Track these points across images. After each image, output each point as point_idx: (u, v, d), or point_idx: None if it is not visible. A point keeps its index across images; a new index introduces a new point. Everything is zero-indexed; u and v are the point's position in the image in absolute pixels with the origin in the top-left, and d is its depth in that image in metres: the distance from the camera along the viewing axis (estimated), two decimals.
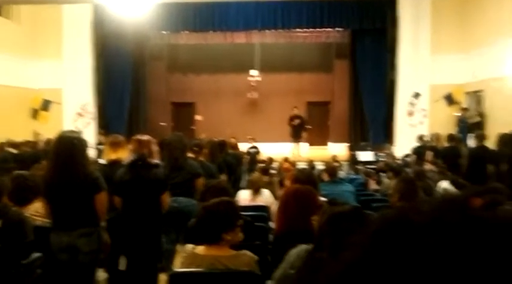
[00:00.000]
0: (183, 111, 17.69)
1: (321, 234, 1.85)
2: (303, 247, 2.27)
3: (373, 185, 7.74)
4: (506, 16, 10.58)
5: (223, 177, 6.16)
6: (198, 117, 17.06)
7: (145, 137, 4.63)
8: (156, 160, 4.35)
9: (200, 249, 2.50)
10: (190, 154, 5.41)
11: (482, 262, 0.38)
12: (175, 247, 4.50)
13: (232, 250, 2.52)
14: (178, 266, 2.55)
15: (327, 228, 1.85)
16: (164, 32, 14.43)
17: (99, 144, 11.08)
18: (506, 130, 7.62)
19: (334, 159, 11.42)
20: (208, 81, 17.56)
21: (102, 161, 6.05)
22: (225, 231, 2.47)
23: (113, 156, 4.63)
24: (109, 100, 13.45)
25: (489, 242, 0.39)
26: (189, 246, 2.55)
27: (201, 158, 5.81)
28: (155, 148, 4.61)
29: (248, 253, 2.54)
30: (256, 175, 6.07)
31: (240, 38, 15.07)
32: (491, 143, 8.16)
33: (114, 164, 4.51)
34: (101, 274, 4.09)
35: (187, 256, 2.49)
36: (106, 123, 13.17)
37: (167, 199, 4.22)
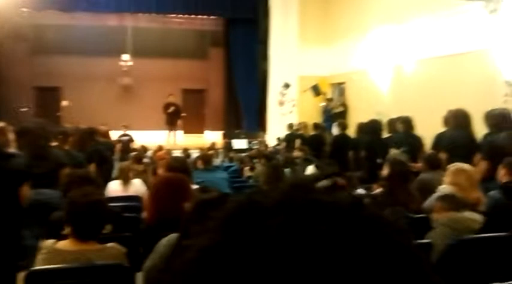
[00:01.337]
0: (48, 96, 16.43)
1: (187, 221, 1.86)
2: (173, 236, 2.25)
3: (247, 172, 7.97)
4: (365, 13, 11.55)
5: (92, 167, 5.87)
6: (64, 103, 15.95)
7: (0, 124, 4.20)
8: (12, 149, 3.98)
9: (63, 244, 2.35)
10: (54, 143, 5.05)
11: (312, 243, 0.41)
12: (39, 242, 4.19)
13: (98, 243, 2.41)
14: (38, 264, 2.37)
15: (192, 215, 1.86)
16: (26, 10, 13.16)
17: None
18: (365, 120, 8.34)
19: (213, 146, 11.53)
20: (77, 64, 16.47)
21: None
22: (89, 224, 2.35)
23: None
24: None
25: (320, 223, 0.42)
26: (50, 241, 2.38)
27: (67, 147, 5.46)
28: (12, 136, 4.22)
29: (116, 245, 2.45)
30: (125, 163, 5.86)
31: (111, 21, 14.38)
32: (352, 131, 8.89)
33: None
34: None
35: (48, 252, 2.33)
36: None
37: (27, 191, 3.89)
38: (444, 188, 3.83)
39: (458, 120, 5.47)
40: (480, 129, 5.37)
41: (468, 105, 5.80)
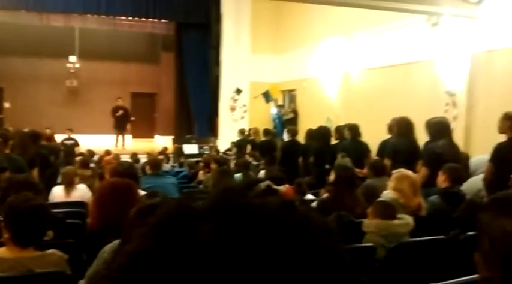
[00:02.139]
0: None
1: (130, 227, 1.82)
2: (117, 242, 2.20)
3: (202, 176, 7.93)
4: (315, 23, 11.79)
5: (35, 172, 5.64)
6: (6, 105, 15.27)
7: None
8: None
9: None
10: None
11: (240, 248, 0.41)
12: None
13: (38, 250, 2.31)
14: None
15: (135, 221, 1.83)
16: None
17: None
18: (314, 126, 8.48)
19: (164, 151, 11.38)
20: (20, 65, 15.83)
21: None
22: (29, 230, 2.25)
23: None
24: None
25: (249, 228, 0.43)
26: None
27: (7, 150, 5.23)
28: None
29: (56, 252, 2.36)
30: (68, 168, 5.67)
31: (58, 21, 13.92)
32: (302, 137, 9.02)
33: None
34: None
35: None
36: None
37: None
38: (388, 193, 3.94)
39: (401, 128, 5.66)
40: (424, 137, 5.58)
41: (412, 113, 6.01)
